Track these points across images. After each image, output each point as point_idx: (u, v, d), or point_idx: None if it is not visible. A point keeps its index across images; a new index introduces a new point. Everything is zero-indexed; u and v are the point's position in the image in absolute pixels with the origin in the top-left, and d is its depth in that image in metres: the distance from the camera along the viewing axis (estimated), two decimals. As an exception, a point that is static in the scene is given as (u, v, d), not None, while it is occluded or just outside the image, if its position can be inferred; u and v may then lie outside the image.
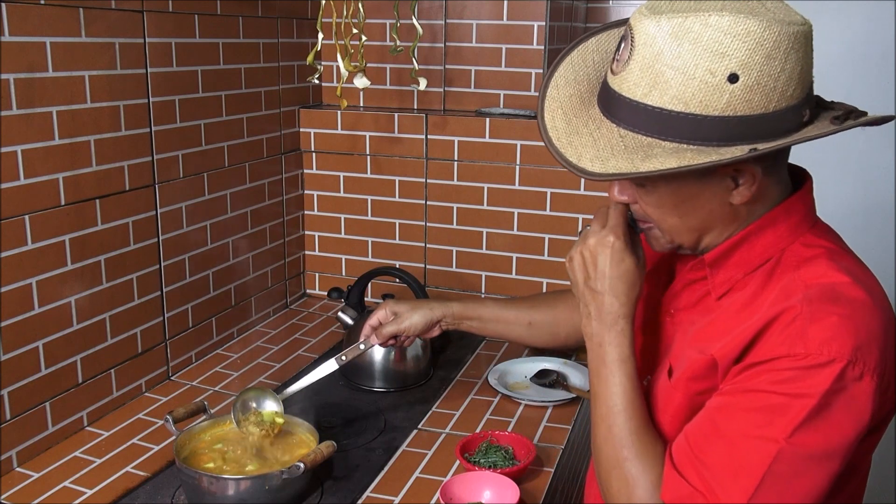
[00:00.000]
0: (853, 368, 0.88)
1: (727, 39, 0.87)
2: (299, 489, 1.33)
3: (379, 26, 2.20)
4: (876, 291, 0.97)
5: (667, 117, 0.91)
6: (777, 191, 1.02)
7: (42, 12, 1.39)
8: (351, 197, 2.31)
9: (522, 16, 2.13)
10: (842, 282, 0.95)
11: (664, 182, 0.99)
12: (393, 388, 1.81)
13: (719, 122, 0.90)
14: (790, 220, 1.02)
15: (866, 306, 0.93)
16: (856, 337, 0.90)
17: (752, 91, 0.88)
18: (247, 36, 1.97)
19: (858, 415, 0.90)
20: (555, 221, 2.11)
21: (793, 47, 0.89)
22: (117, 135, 1.59)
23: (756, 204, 1.01)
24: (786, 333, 0.92)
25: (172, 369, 1.84)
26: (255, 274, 2.13)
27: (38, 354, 1.46)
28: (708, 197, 0.99)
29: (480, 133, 2.13)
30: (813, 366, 0.89)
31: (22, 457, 1.45)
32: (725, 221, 1.02)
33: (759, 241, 1.02)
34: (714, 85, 0.88)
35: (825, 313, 0.91)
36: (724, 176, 0.97)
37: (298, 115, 2.27)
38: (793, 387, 0.89)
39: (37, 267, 1.44)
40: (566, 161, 0.98)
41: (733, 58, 0.87)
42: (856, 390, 0.89)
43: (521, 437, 1.51)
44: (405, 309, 1.55)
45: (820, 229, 1.05)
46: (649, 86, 0.91)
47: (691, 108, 0.90)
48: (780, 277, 0.99)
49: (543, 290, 2.16)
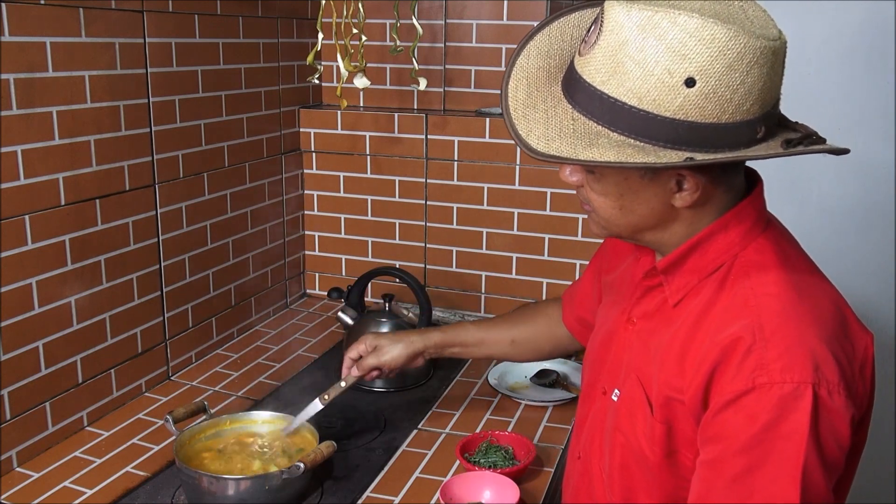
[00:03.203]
0: (820, 388, 0.88)
1: (691, 42, 0.85)
2: (299, 489, 1.33)
3: (379, 26, 2.20)
4: (822, 300, 0.97)
5: (619, 109, 0.90)
6: (726, 199, 1.01)
7: (42, 12, 1.39)
8: (351, 197, 2.31)
9: (522, 16, 2.13)
10: (789, 297, 0.94)
11: (612, 172, 0.99)
12: (393, 388, 1.81)
13: (669, 124, 0.88)
14: (742, 225, 1.01)
15: (814, 318, 0.93)
16: (812, 357, 0.89)
17: (708, 99, 0.87)
18: (247, 36, 1.97)
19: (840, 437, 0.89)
20: (555, 221, 2.11)
21: (757, 62, 0.86)
22: (117, 135, 1.59)
23: (702, 210, 1.01)
24: (744, 365, 0.91)
25: (172, 369, 1.84)
26: (255, 274, 2.13)
27: (38, 354, 1.46)
28: (650, 195, 0.99)
29: (480, 133, 2.13)
30: (785, 395, 0.88)
31: (22, 457, 1.45)
32: (665, 222, 1.02)
33: (712, 247, 1.01)
34: (670, 85, 0.87)
35: (779, 338, 0.91)
36: (669, 178, 0.97)
37: (298, 115, 2.27)
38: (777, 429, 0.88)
39: (37, 267, 1.44)
40: (516, 134, 0.97)
41: (694, 62, 0.86)
42: (832, 411, 0.88)
43: (521, 437, 1.51)
44: (386, 342, 1.55)
45: (772, 233, 1.04)
46: (609, 74, 0.90)
47: (644, 104, 0.89)
48: (732, 285, 0.98)
49: (543, 290, 2.16)
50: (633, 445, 1.07)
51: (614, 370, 1.14)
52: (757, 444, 0.89)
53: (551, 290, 2.15)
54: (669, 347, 1.02)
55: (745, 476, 0.90)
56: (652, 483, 1.06)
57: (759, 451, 0.89)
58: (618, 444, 1.09)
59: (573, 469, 1.24)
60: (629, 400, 1.08)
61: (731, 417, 0.91)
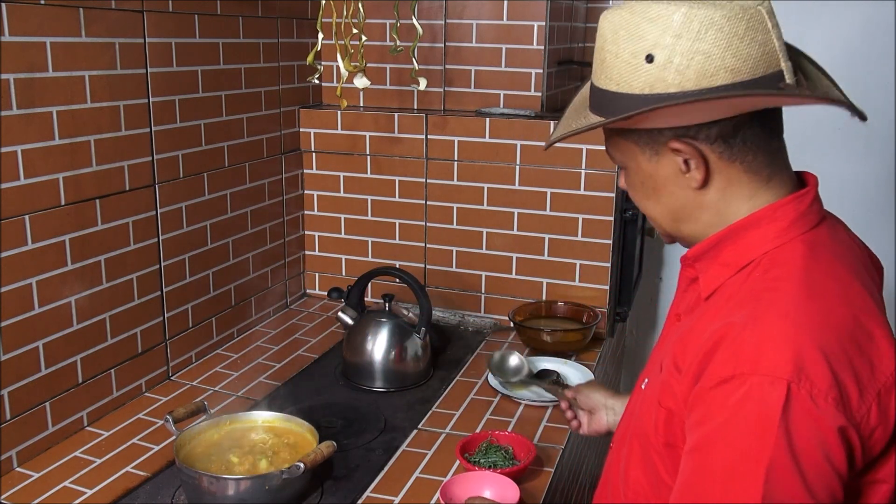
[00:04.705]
0: (799, 388, 0.85)
1: (644, 23, 0.96)
2: (299, 489, 1.33)
3: (379, 26, 2.20)
4: (838, 308, 0.94)
5: (606, 97, 1.01)
6: (750, 182, 1.01)
7: (42, 12, 1.39)
8: (351, 197, 2.31)
9: (522, 16, 2.13)
10: (797, 296, 0.93)
11: (628, 161, 1.06)
12: (393, 388, 1.81)
13: (640, 100, 0.97)
14: (777, 223, 1.00)
15: (817, 322, 0.91)
16: (796, 356, 0.87)
17: (665, 69, 0.95)
18: (247, 36, 1.97)
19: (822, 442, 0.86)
20: (555, 221, 2.11)
21: (707, 28, 0.93)
22: (117, 135, 1.59)
23: (724, 195, 1.01)
24: (730, 353, 0.91)
25: (172, 369, 1.84)
26: (255, 274, 2.13)
27: (38, 354, 1.47)
28: (667, 181, 1.03)
29: (480, 133, 2.13)
30: (758, 387, 0.87)
31: (22, 457, 1.45)
32: (694, 211, 1.04)
33: (743, 241, 1.02)
34: (634, 66, 0.97)
35: (770, 332, 0.90)
36: (672, 157, 1.01)
37: (298, 115, 2.27)
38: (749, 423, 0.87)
39: (37, 267, 1.44)
40: (549, 144, 1.11)
41: (647, 40, 0.95)
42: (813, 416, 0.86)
43: (521, 437, 1.51)
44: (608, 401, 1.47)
45: (815, 236, 1.01)
46: (599, 70, 1.03)
47: (621, 87, 0.99)
48: (752, 279, 0.98)
49: (543, 290, 2.16)
50: (643, 432, 1.07)
51: (652, 363, 1.16)
52: (725, 434, 0.89)
53: (551, 291, 2.15)
54: (687, 336, 1.02)
55: (716, 466, 0.90)
56: (653, 475, 1.06)
57: (729, 443, 0.89)
58: (635, 434, 1.11)
59: (607, 459, 1.27)
60: (650, 387, 1.10)
61: (710, 403, 0.91)
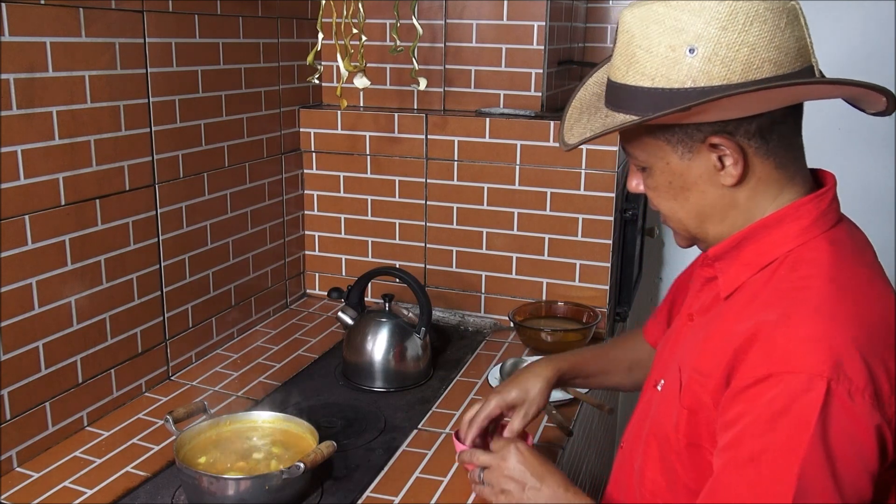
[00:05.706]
0: (838, 386, 0.85)
1: (684, 16, 0.92)
2: (299, 489, 1.33)
3: (379, 26, 2.20)
4: (872, 305, 0.94)
5: (637, 93, 0.97)
6: (780, 180, 1.00)
7: (42, 12, 1.39)
8: (351, 197, 2.31)
9: (522, 16, 2.13)
10: (829, 293, 0.92)
11: (655, 161, 1.03)
12: (393, 388, 1.81)
13: (681, 95, 0.94)
14: (799, 221, 1.00)
15: (850, 318, 0.90)
16: (833, 353, 0.87)
17: (711, 62, 0.92)
18: (247, 36, 1.97)
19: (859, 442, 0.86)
20: (555, 221, 2.11)
21: (752, 20, 0.91)
22: (117, 135, 1.59)
23: (756, 194, 1.00)
24: (764, 352, 0.90)
25: (172, 369, 1.84)
26: (255, 274, 2.13)
27: (38, 354, 1.46)
28: (698, 179, 1.00)
29: (480, 133, 2.13)
30: (797, 385, 0.86)
31: (22, 457, 1.45)
32: (722, 210, 1.02)
33: (766, 240, 1.00)
34: (674, 59, 0.94)
35: (804, 329, 0.89)
36: (708, 154, 0.98)
37: (298, 115, 2.27)
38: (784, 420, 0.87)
39: (37, 267, 1.44)
40: (563, 142, 1.07)
41: (689, 32, 0.92)
42: (850, 413, 0.85)
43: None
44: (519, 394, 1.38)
45: (836, 234, 1.01)
46: (626, 66, 0.98)
47: (656, 82, 0.95)
48: (778, 278, 0.97)
49: (543, 290, 2.16)
50: (662, 433, 1.07)
51: (667, 363, 1.14)
52: (763, 433, 0.88)
53: (551, 291, 2.15)
54: (709, 337, 1.02)
55: (749, 463, 0.89)
56: (671, 474, 1.06)
57: (764, 440, 0.88)
58: (652, 434, 1.10)
59: (617, 458, 1.26)
60: (668, 388, 1.09)
61: (746, 403, 0.91)
